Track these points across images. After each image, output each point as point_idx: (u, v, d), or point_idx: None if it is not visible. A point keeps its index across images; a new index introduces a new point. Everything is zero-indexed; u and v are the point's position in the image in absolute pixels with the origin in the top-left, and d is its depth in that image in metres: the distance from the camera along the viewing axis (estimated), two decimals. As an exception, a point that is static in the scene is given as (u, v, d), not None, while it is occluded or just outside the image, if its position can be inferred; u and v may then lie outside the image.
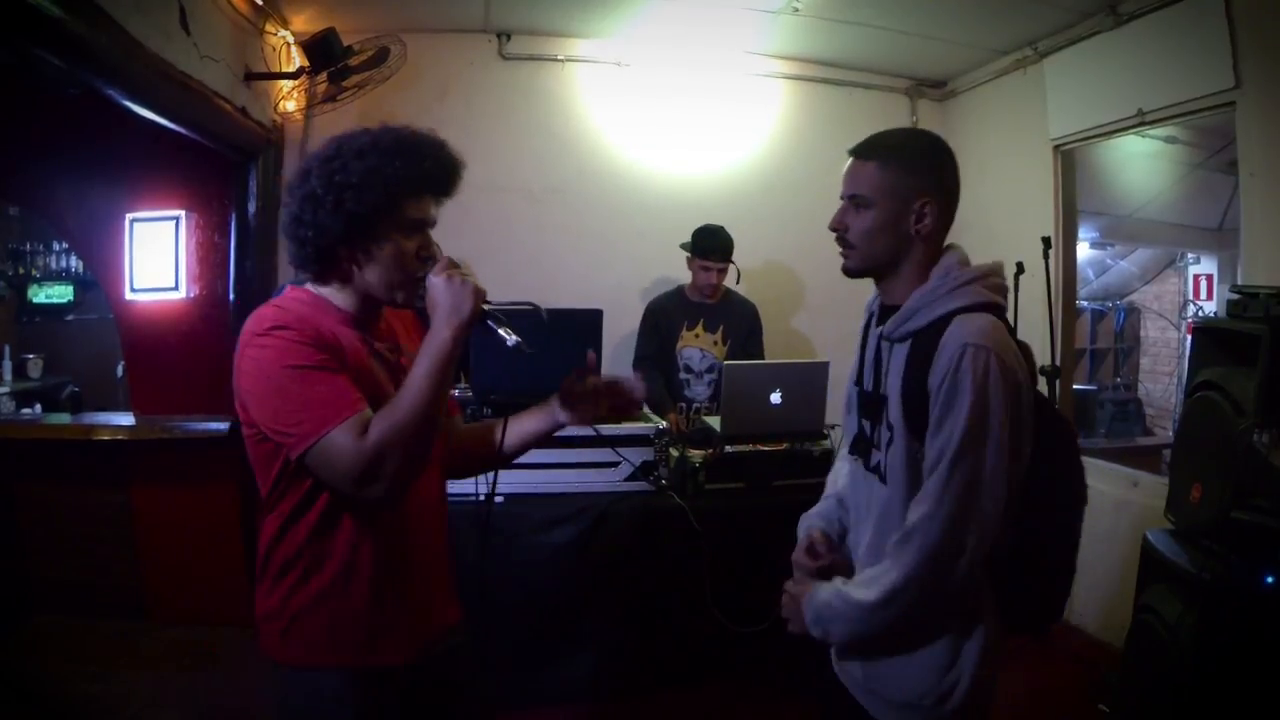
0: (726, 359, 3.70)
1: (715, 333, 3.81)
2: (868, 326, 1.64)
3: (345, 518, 1.42)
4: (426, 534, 1.57)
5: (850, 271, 1.55)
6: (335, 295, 1.46)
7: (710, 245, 3.68)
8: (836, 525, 1.74)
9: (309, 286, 1.48)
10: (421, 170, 1.41)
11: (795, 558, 1.68)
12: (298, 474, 1.38)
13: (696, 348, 3.82)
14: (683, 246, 3.81)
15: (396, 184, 1.38)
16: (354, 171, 1.35)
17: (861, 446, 1.60)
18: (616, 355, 4.43)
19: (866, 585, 1.43)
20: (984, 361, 1.33)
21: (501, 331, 1.45)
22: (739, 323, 3.85)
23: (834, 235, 1.54)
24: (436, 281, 1.37)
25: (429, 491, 1.57)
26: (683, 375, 3.82)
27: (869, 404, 1.57)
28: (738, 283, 3.89)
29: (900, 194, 1.46)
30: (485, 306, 1.41)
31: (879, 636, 1.47)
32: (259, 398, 1.33)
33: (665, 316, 3.86)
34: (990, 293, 1.43)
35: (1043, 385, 3.61)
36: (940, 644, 1.47)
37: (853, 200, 1.50)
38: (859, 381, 1.63)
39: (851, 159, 1.53)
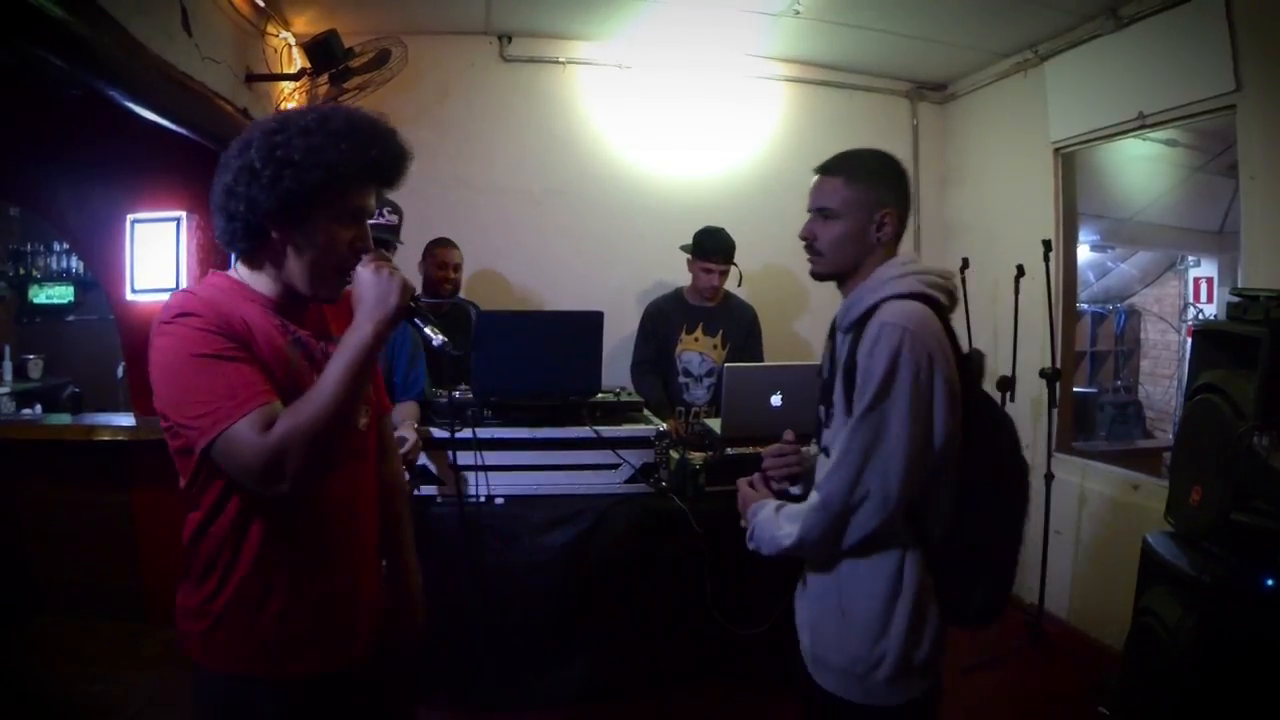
0: (725, 362, 3.69)
1: (715, 336, 3.80)
2: (832, 326, 1.78)
3: (260, 516, 1.33)
4: (355, 533, 1.48)
5: (818, 275, 1.72)
6: (258, 280, 1.38)
7: (712, 246, 3.66)
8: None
9: (231, 271, 1.40)
10: (367, 156, 1.32)
11: (765, 461, 1.84)
12: (212, 470, 1.29)
13: (696, 351, 3.80)
14: (683, 248, 3.80)
15: (340, 167, 1.28)
16: (296, 148, 1.26)
17: (815, 429, 1.77)
18: (616, 357, 4.43)
19: (789, 521, 1.59)
20: (897, 337, 1.47)
21: (427, 330, 1.39)
22: (738, 326, 3.83)
23: (804, 244, 1.71)
24: (363, 273, 1.31)
25: (360, 488, 1.49)
26: (682, 379, 3.81)
27: (823, 390, 1.73)
28: (739, 285, 3.88)
29: (864, 206, 1.63)
30: (412, 303, 1.35)
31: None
32: (164, 386, 1.26)
33: (664, 320, 3.84)
34: (922, 285, 1.57)
35: (1040, 389, 3.62)
36: (871, 615, 1.57)
37: (821, 212, 1.67)
38: (820, 371, 1.81)
39: (818, 175, 1.70)
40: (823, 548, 1.57)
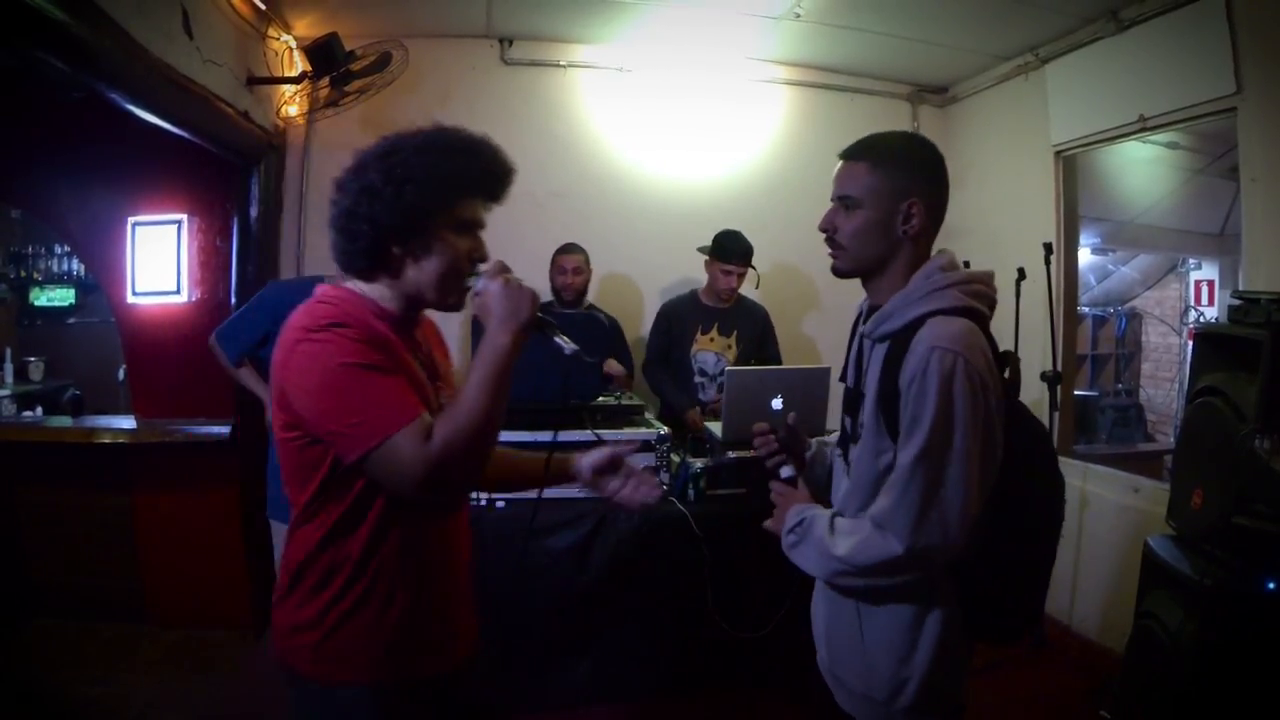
0: (738, 363, 3.72)
1: (729, 336, 3.84)
2: (855, 325, 1.68)
3: (395, 529, 1.37)
4: (460, 546, 1.54)
5: (839, 272, 1.57)
6: (379, 294, 1.42)
7: (732, 249, 3.69)
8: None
9: (348, 285, 1.43)
10: (480, 170, 1.41)
11: (755, 441, 1.78)
12: (344, 481, 1.33)
13: (711, 351, 3.83)
14: (701, 250, 3.83)
15: (456, 181, 1.37)
16: (415, 166, 1.33)
17: (842, 442, 1.65)
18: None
19: (845, 536, 1.46)
20: (950, 365, 1.35)
21: (558, 339, 1.43)
22: (751, 327, 3.88)
23: (824, 236, 1.57)
24: (493, 286, 1.35)
25: (460, 510, 1.56)
26: (697, 379, 3.84)
27: (850, 400, 1.62)
28: (756, 288, 3.91)
29: (889, 195, 1.49)
30: (540, 313, 1.39)
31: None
32: (313, 395, 1.27)
33: (678, 320, 3.88)
34: (968, 298, 1.45)
35: (1041, 393, 3.62)
36: (895, 639, 1.48)
37: (842, 201, 1.53)
38: (844, 378, 1.69)
39: (841, 161, 1.56)
40: (867, 576, 1.43)
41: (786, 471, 1.74)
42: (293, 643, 1.40)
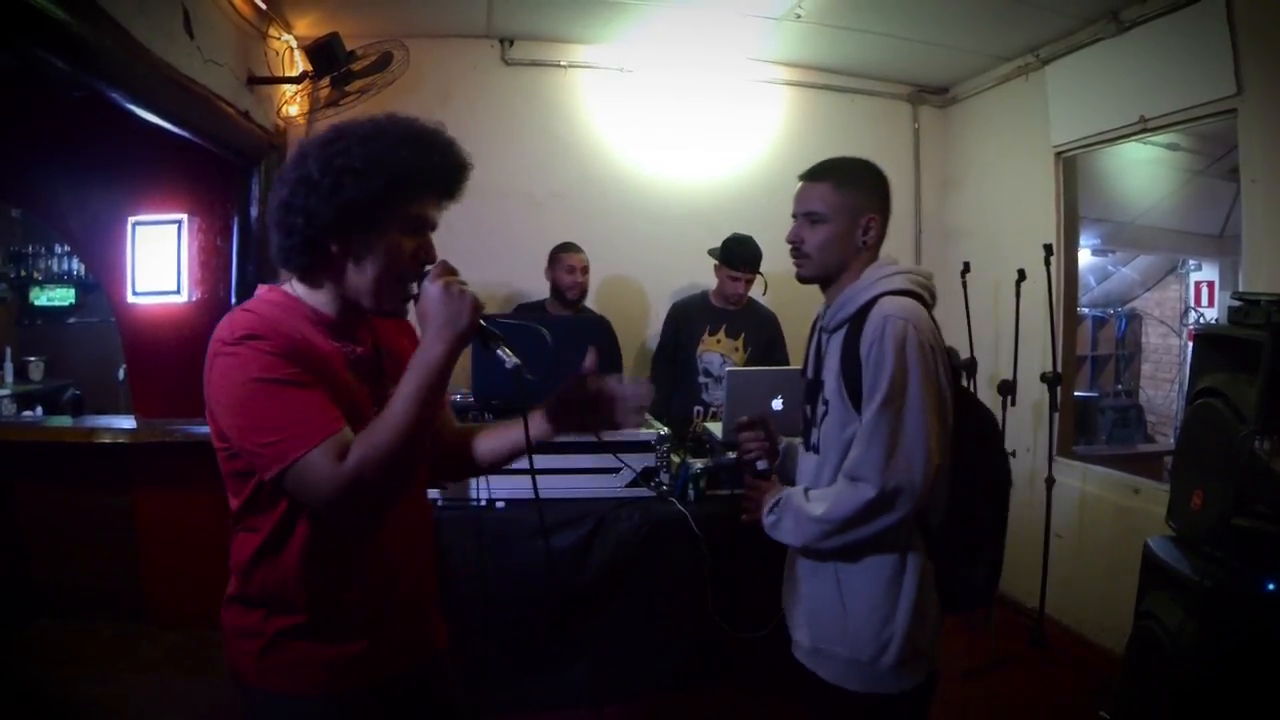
0: (746, 365, 3.72)
1: (736, 339, 3.85)
2: (814, 327, 1.88)
3: (332, 541, 1.31)
4: (413, 553, 1.48)
5: (804, 279, 1.79)
6: (314, 297, 1.34)
7: (739, 256, 3.69)
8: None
9: (285, 286, 1.36)
10: (429, 164, 1.29)
11: (740, 436, 1.90)
12: (273, 492, 1.27)
13: (717, 352, 3.85)
14: (711, 253, 3.83)
15: (401, 175, 1.25)
16: (356, 156, 1.23)
17: (803, 429, 1.82)
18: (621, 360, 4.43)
19: (820, 500, 1.64)
20: (902, 330, 1.55)
21: (500, 351, 1.31)
22: (760, 331, 3.88)
23: (790, 247, 1.77)
24: (432, 290, 1.25)
25: (415, 510, 1.49)
26: (702, 378, 3.85)
27: (809, 390, 1.79)
28: (764, 293, 3.90)
29: (851, 211, 1.71)
30: (483, 322, 1.28)
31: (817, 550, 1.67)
32: (230, 411, 1.23)
33: (687, 319, 3.90)
34: (913, 285, 1.66)
35: (1041, 394, 3.62)
36: (876, 601, 1.62)
37: (808, 216, 1.74)
38: (804, 373, 1.87)
39: (804, 181, 1.77)
40: (846, 529, 1.58)
41: (762, 465, 1.87)
42: (238, 648, 1.37)
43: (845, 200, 1.70)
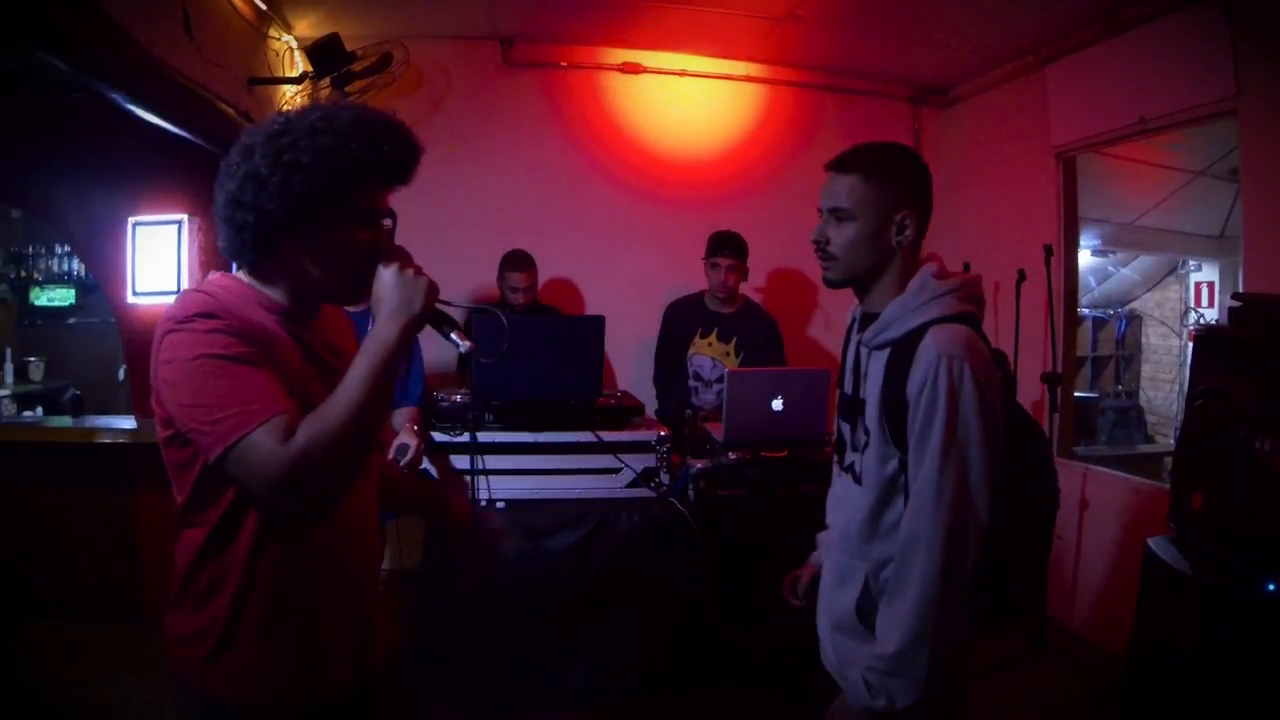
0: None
1: (728, 343, 3.79)
2: (849, 332, 1.69)
3: (278, 535, 1.27)
4: (360, 562, 1.43)
5: (832, 283, 1.60)
6: (268, 287, 1.31)
7: (719, 241, 3.68)
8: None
9: (239, 274, 1.33)
10: (380, 154, 1.25)
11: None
12: (218, 481, 1.22)
13: (708, 356, 3.80)
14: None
15: (352, 168, 1.22)
16: (305, 150, 1.19)
17: (838, 447, 1.68)
18: (620, 361, 4.44)
19: (887, 630, 1.43)
20: (959, 371, 1.38)
21: (454, 335, 1.31)
22: (753, 335, 3.81)
23: (815, 247, 1.58)
24: (386, 274, 1.24)
25: (364, 515, 1.44)
26: (692, 382, 3.82)
27: (848, 407, 1.63)
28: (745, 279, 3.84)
29: (882, 206, 1.51)
30: (438, 305, 1.28)
31: (920, 663, 1.41)
32: (175, 389, 1.18)
33: (679, 320, 3.87)
34: (964, 304, 1.49)
35: (1041, 394, 3.62)
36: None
37: (834, 213, 1.54)
38: (841, 384, 1.70)
39: (831, 172, 1.57)
40: (946, 611, 1.40)
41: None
42: (182, 654, 1.31)
43: (876, 194, 1.50)
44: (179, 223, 3.65)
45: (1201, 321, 5.74)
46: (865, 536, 1.55)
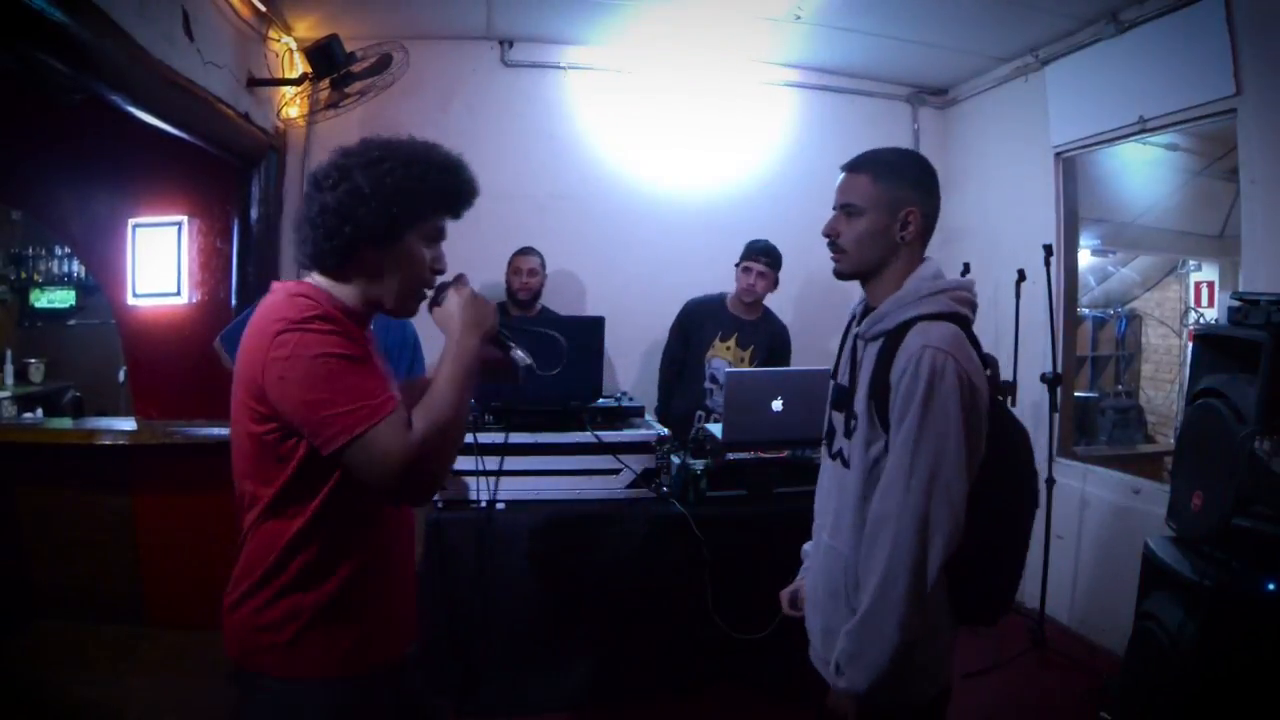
0: None
1: (746, 350, 3.79)
2: (849, 325, 1.78)
3: (361, 526, 1.41)
4: (407, 546, 1.58)
5: (841, 274, 1.71)
6: (339, 290, 1.43)
7: (757, 248, 3.68)
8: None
9: (309, 280, 1.44)
10: (456, 187, 1.47)
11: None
12: (315, 476, 1.33)
13: (725, 359, 3.79)
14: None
15: (433, 197, 1.43)
16: (403, 178, 1.38)
17: (828, 435, 1.76)
18: (621, 361, 4.44)
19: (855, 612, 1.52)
20: (942, 363, 1.46)
21: (516, 353, 1.51)
22: (770, 345, 3.82)
23: (826, 241, 1.70)
24: (457, 296, 1.44)
25: (407, 510, 1.59)
26: (708, 384, 3.81)
27: (841, 397, 1.72)
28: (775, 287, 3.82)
29: (889, 204, 1.63)
30: (503, 328, 1.49)
31: (882, 640, 1.48)
32: (297, 385, 1.27)
33: (698, 321, 3.85)
34: (955, 304, 1.58)
35: (1041, 394, 3.62)
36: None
37: (845, 209, 1.66)
38: (835, 376, 1.79)
39: (844, 172, 1.70)
40: (910, 587, 1.45)
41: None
42: (259, 643, 1.40)
43: (883, 193, 1.63)
44: (179, 224, 3.66)
45: (1201, 321, 5.74)
46: (854, 525, 1.60)
